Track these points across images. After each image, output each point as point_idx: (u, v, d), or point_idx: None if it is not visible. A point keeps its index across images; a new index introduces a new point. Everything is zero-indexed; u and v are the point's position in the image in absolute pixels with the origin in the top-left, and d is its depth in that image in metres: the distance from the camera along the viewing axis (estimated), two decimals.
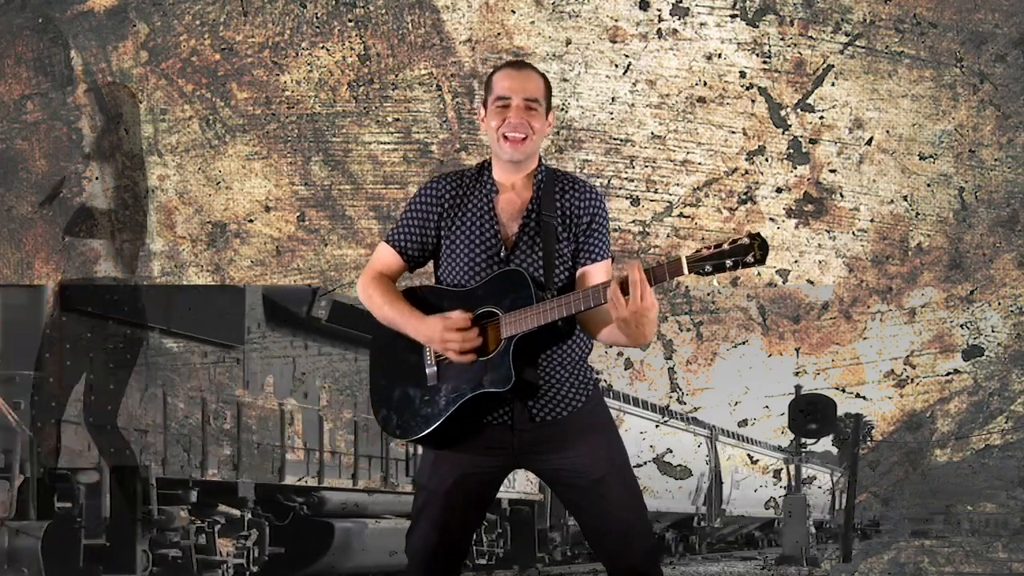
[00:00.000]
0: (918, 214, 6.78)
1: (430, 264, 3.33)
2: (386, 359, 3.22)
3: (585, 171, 6.78)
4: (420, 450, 3.34)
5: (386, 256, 3.25)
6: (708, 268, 2.92)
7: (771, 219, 6.79)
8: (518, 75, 3.18)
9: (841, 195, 6.77)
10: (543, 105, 3.19)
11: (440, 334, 3.04)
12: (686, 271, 2.94)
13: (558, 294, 3.13)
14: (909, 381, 7.01)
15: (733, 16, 6.70)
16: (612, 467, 3.17)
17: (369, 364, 3.28)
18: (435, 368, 3.11)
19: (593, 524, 3.17)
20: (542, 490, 13.75)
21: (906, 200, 6.77)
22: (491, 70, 3.29)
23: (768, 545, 22.73)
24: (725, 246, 2.91)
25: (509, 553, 13.58)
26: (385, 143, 6.84)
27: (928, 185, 6.75)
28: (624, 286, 2.97)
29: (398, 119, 6.81)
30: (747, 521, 21.16)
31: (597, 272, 3.20)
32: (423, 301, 3.16)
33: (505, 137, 3.14)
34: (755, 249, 2.88)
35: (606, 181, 6.79)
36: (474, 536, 3.30)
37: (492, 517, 12.82)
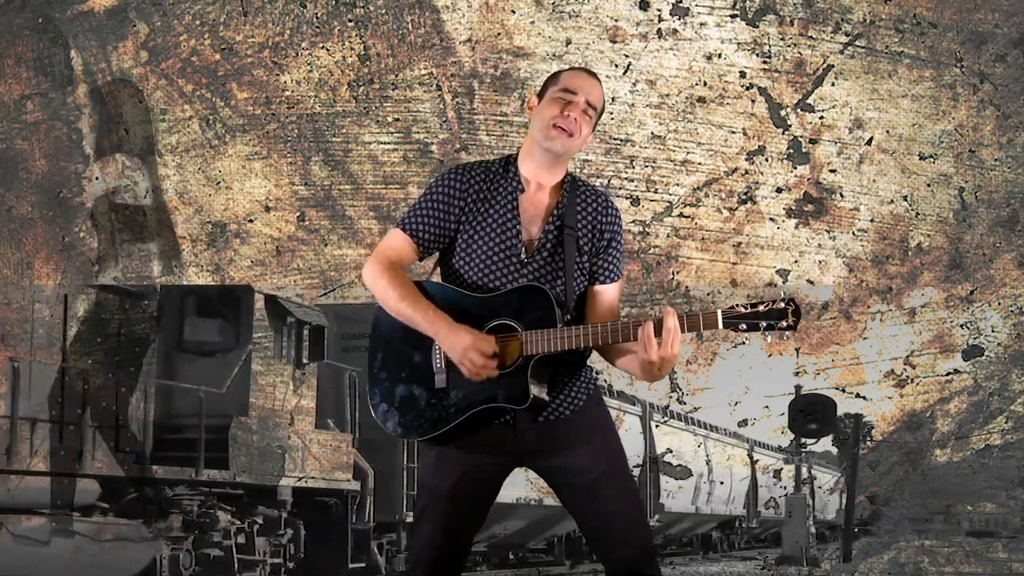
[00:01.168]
0: (918, 214, 6.78)
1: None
2: (388, 352, 3.18)
3: (585, 171, 6.78)
4: None
5: (399, 243, 3.17)
6: (743, 326, 2.98)
7: (771, 219, 6.80)
8: (590, 80, 3.21)
9: (841, 195, 6.78)
10: (595, 120, 3.21)
11: (464, 352, 3.01)
12: (720, 325, 2.98)
13: (573, 309, 3.14)
14: (909, 381, 7.01)
15: (733, 16, 6.70)
16: (611, 467, 3.17)
17: (368, 353, 3.23)
18: (445, 374, 3.09)
19: (591, 523, 3.18)
20: (359, 476, 10.47)
21: (906, 200, 6.77)
22: (557, 70, 3.31)
23: (731, 548, 20.31)
24: (761, 308, 2.97)
25: (303, 561, 9.86)
26: (385, 143, 6.84)
27: (928, 185, 6.75)
28: (657, 329, 3.00)
29: (398, 119, 6.81)
30: (700, 519, 18.40)
31: (610, 293, 3.22)
32: (435, 300, 3.12)
33: (554, 126, 3.13)
34: (789, 316, 2.96)
35: (606, 181, 6.79)
36: (475, 536, 3.30)
37: (274, 514, 9.52)
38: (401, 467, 10.75)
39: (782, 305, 2.96)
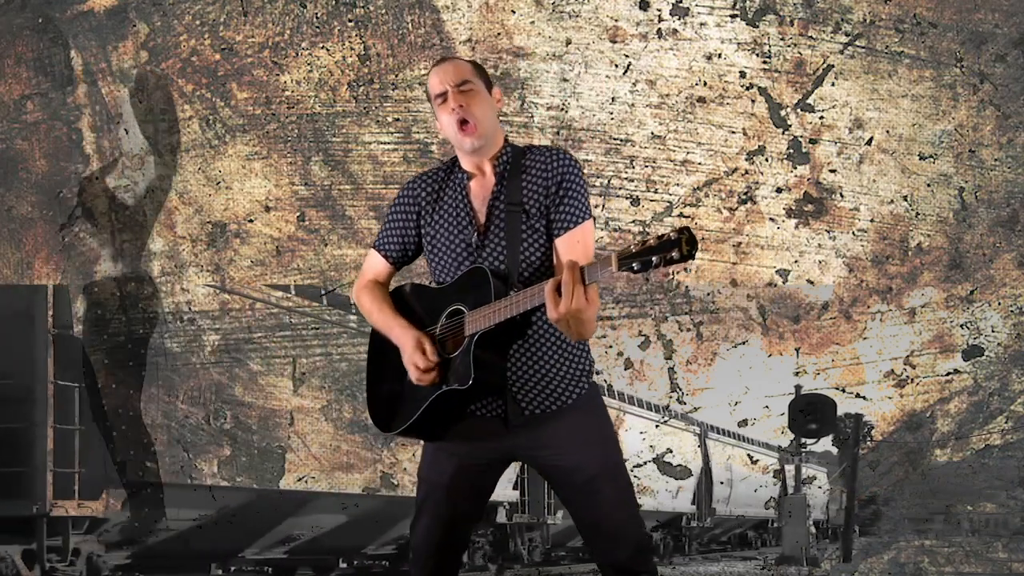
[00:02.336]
0: (918, 214, 6.78)
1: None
2: (377, 355, 3.31)
3: (585, 171, 6.78)
4: None
5: (375, 262, 3.37)
6: (635, 265, 2.80)
7: (771, 219, 6.80)
8: (441, 68, 3.25)
9: (841, 195, 6.78)
10: (478, 83, 3.23)
11: (408, 355, 3.13)
12: (615, 268, 2.83)
13: (529, 279, 3.14)
14: (909, 381, 7.01)
15: (733, 16, 6.70)
16: (605, 466, 3.19)
17: (367, 359, 3.38)
18: None
19: (587, 520, 3.21)
20: None
21: (906, 200, 6.77)
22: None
23: (678, 552, 17.63)
24: (652, 242, 2.80)
25: None
26: (385, 143, 6.84)
27: (928, 185, 6.75)
28: (560, 287, 2.94)
29: (398, 119, 6.82)
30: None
31: (569, 244, 3.16)
32: (407, 300, 3.27)
33: (458, 128, 3.19)
34: (682, 244, 2.76)
35: (606, 181, 6.79)
36: (473, 527, 3.36)
37: None
38: (43, 435, 6.96)
39: (673, 235, 2.78)
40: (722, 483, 18.26)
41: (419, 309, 3.22)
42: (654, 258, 2.77)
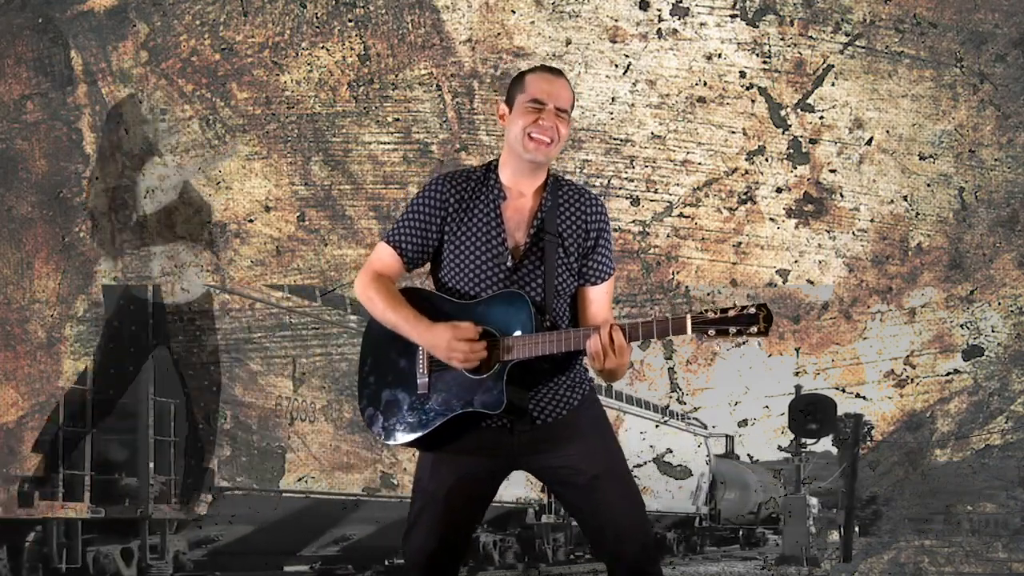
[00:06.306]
0: (918, 214, 6.78)
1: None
2: (376, 357, 3.22)
3: (585, 171, 6.78)
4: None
5: (385, 256, 3.23)
6: (712, 331, 2.97)
7: (771, 219, 6.80)
8: (556, 82, 3.20)
9: (841, 195, 6.78)
10: (568, 116, 3.22)
11: (447, 343, 3.04)
12: (689, 331, 2.98)
13: (557, 313, 3.16)
14: (909, 381, 7.01)
15: (733, 16, 6.70)
16: (608, 465, 3.18)
17: (359, 358, 3.27)
18: (427, 379, 3.12)
19: (591, 523, 3.19)
20: None
21: (906, 200, 6.77)
22: (523, 70, 3.29)
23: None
24: (731, 313, 2.96)
25: None
26: (385, 143, 6.84)
27: (928, 185, 6.75)
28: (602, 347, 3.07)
29: (398, 119, 6.82)
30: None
31: (601, 293, 3.24)
32: (423, 306, 3.17)
33: (531, 137, 3.13)
34: (760, 321, 2.94)
35: (606, 181, 6.80)
36: (472, 536, 3.31)
37: None
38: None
39: (752, 311, 2.95)
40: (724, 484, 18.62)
41: (439, 319, 3.12)
42: (732, 328, 2.96)
